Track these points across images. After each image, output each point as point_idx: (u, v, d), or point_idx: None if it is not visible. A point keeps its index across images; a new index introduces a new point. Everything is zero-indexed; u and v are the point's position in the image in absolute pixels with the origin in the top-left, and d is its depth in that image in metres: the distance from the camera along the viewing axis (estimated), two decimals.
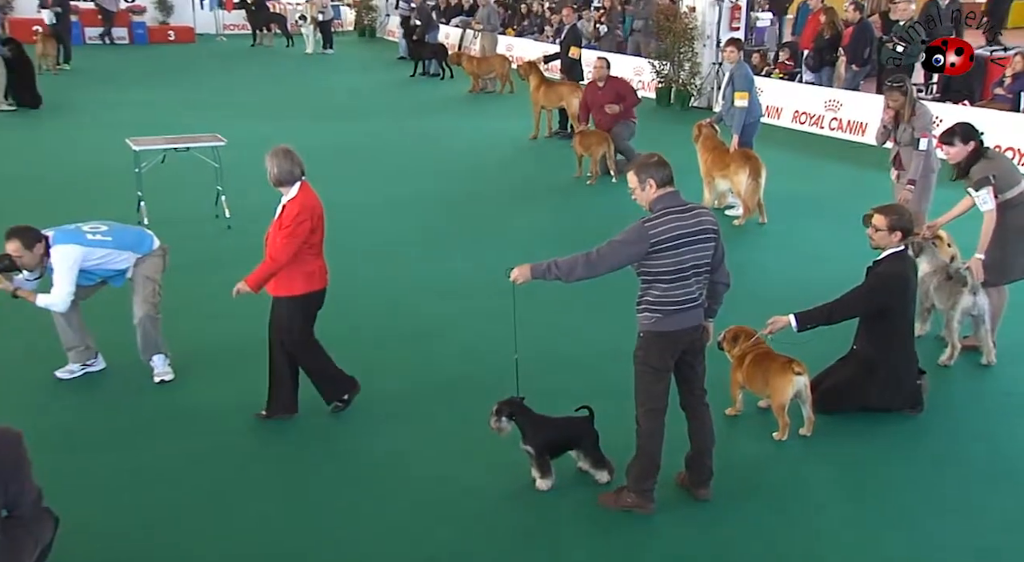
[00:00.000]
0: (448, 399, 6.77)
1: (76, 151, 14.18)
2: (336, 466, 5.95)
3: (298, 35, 27.38)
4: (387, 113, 17.85)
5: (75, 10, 25.17)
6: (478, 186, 12.73)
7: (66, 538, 4.64)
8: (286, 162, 6.16)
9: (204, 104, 17.99)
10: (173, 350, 7.11)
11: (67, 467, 5.71)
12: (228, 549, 5.14)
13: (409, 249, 10.09)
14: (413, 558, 5.09)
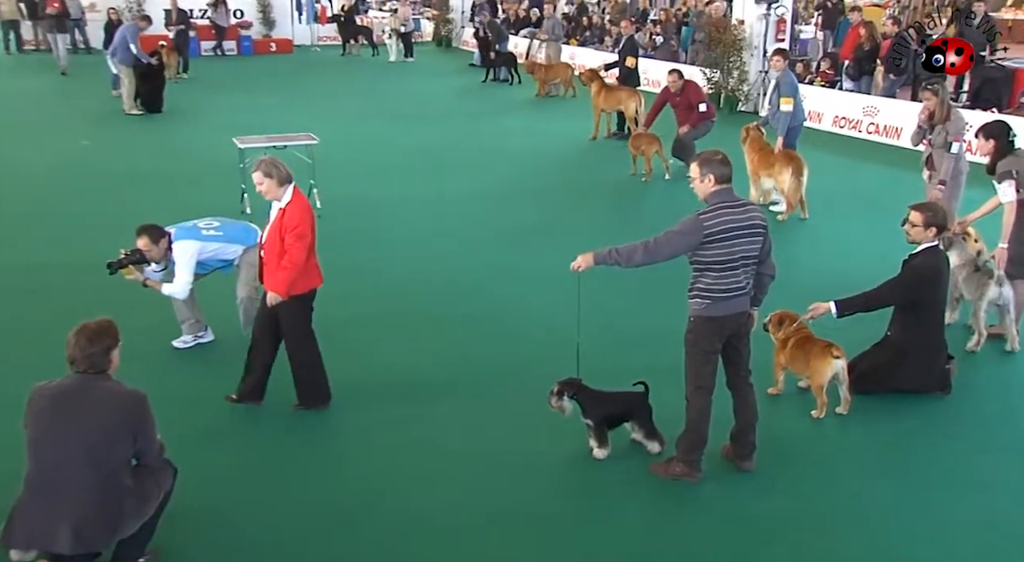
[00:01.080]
0: (513, 375, 6.73)
1: (191, 149, 14.38)
2: (417, 435, 5.96)
3: (383, 45, 27.43)
4: (460, 115, 17.82)
5: (193, 26, 25.60)
6: (542, 182, 12.63)
7: (182, 486, 4.70)
8: (283, 168, 5.89)
9: (300, 107, 18.11)
10: None
11: (182, 424, 5.77)
12: (325, 501, 5.18)
13: (476, 239, 10.05)
14: (486, 514, 5.09)
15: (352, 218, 10.65)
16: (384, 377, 6.70)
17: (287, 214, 5.84)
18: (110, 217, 10.43)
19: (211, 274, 7.14)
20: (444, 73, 24.04)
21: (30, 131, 15.70)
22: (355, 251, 9.49)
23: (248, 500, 5.23)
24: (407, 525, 5.00)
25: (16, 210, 10.91)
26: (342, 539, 4.88)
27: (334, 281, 8.53)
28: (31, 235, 9.91)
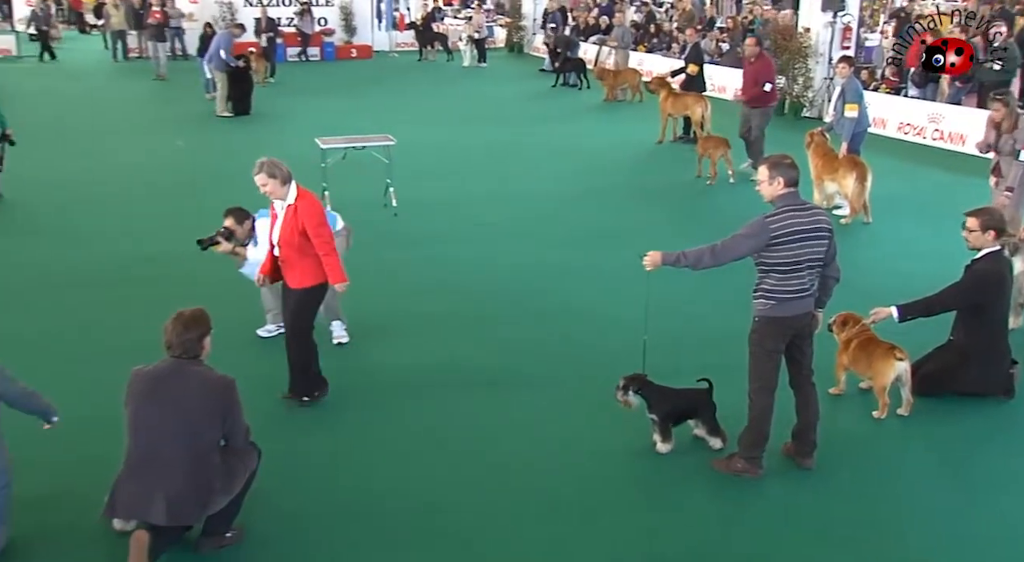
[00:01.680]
0: (578, 371, 6.72)
1: (276, 149, 14.35)
2: (485, 426, 5.99)
3: (457, 51, 27.57)
4: (530, 118, 17.83)
5: (280, 34, 26.06)
6: (609, 184, 12.57)
7: (265, 465, 4.79)
8: (283, 168, 5.85)
9: (378, 109, 18.29)
10: (355, 314, 7.28)
11: (265, 409, 5.90)
12: (395, 491, 5.23)
13: (544, 239, 10.03)
14: (549, 504, 5.08)
15: (425, 217, 10.73)
16: (454, 370, 6.74)
17: (299, 210, 5.82)
18: (202, 212, 10.66)
19: None
20: (515, 78, 24.07)
21: (132, 132, 16.11)
22: (427, 249, 9.57)
23: (335, 480, 5.30)
24: (472, 513, 5.03)
25: (117, 207, 11.21)
26: (410, 524, 4.91)
27: (407, 277, 8.69)
28: (131, 229, 10.18)
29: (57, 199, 11.56)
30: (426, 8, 31.80)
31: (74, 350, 7.03)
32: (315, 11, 27.73)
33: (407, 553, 4.67)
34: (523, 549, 4.70)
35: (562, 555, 4.66)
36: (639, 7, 29.22)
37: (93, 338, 7.26)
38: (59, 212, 10.98)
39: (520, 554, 4.66)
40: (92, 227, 10.33)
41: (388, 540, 4.77)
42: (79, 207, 11.20)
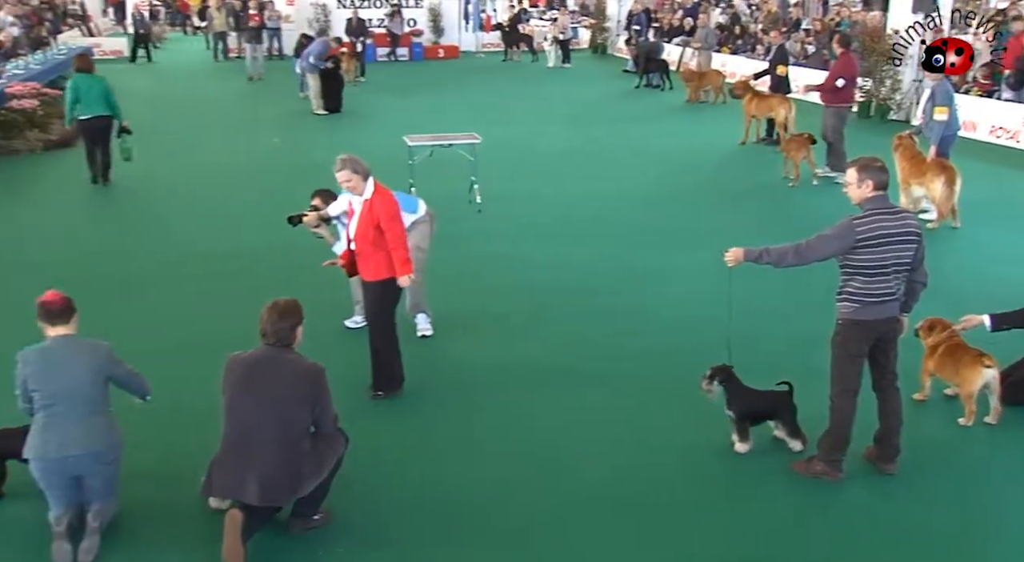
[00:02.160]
0: (659, 368, 6.67)
1: (366, 146, 14.66)
2: (564, 421, 5.98)
3: (542, 52, 27.56)
4: (613, 118, 17.73)
5: (370, 34, 26.48)
6: (690, 183, 12.44)
7: (349, 452, 4.87)
8: (362, 164, 5.92)
9: (464, 108, 18.39)
10: (437, 309, 7.33)
11: (347, 398, 5.99)
12: (465, 484, 5.26)
13: (624, 236, 9.97)
14: (625, 500, 5.06)
15: (508, 214, 10.76)
16: (532, 367, 6.72)
17: (375, 204, 5.90)
18: (298, 206, 10.88)
19: None
20: (599, 79, 23.96)
21: (231, 130, 16.52)
22: (509, 246, 9.60)
23: (412, 470, 5.37)
24: (547, 506, 5.02)
25: (218, 201, 11.52)
26: (480, 518, 4.93)
27: (488, 274, 8.72)
28: (230, 222, 10.45)
29: (161, 192, 11.96)
30: (512, 10, 31.88)
31: (175, 336, 7.24)
32: (405, 12, 28.05)
33: (476, 546, 4.68)
34: (594, 548, 4.67)
35: (634, 555, 4.62)
36: (724, 9, 28.79)
37: (193, 326, 7.46)
38: (163, 205, 11.33)
39: (591, 553, 4.63)
40: (193, 219, 10.64)
41: (457, 532, 4.78)
42: (182, 200, 11.54)
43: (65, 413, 4.50)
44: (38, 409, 4.54)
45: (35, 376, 4.52)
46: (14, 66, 17.61)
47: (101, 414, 4.61)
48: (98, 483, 4.58)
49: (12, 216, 10.80)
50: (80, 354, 4.57)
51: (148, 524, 4.77)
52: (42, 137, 14.41)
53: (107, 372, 4.65)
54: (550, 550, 4.64)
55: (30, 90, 14.97)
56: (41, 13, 25.61)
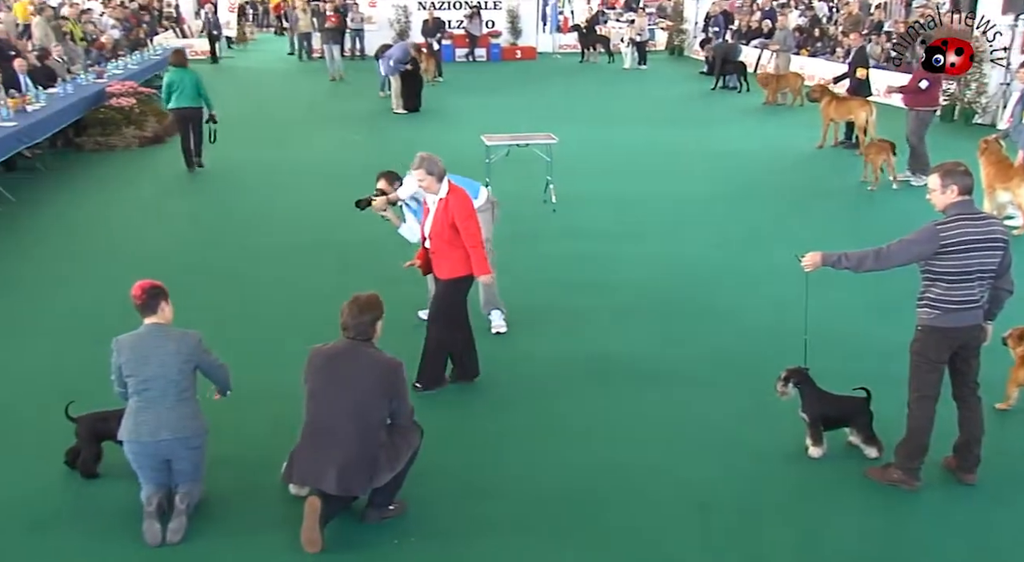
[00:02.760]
0: (734, 369, 6.57)
1: (444, 144, 14.75)
2: (638, 418, 5.92)
3: (618, 53, 27.37)
4: (689, 120, 17.52)
5: (449, 35, 26.67)
6: (766, 186, 12.22)
7: (428, 445, 4.89)
8: (439, 164, 5.89)
9: (541, 109, 18.36)
10: (507, 306, 7.32)
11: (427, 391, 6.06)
12: (547, 473, 5.25)
13: (699, 238, 9.84)
14: (696, 501, 4.99)
15: (582, 213, 10.71)
16: (604, 365, 6.68)
17: (450, 204, 5.91)
18: None
19: None
20: (675, 80, 23.71)
21: (314, 127, 16.77)
22: (582, 244, 9.55)
23: (487, 464, 5.38)
24: (620, 503, 4.98)
25: (301, 195, 11.71)
26: (553, 512, 4.91)
27: (562, 271, 8.69)
28: (314, 217, 10.60)
29: (248, 186, 12.21)
30: (590, 11, 31.75)
31: (261, 326, 7.38)
32: (483, 14, 28.15)
33: (546, 539, 4.67)
34: (663, 546, 4.62)
35: (703, 555, 4.56)
36: (803, 11, 28.21)
37: (278, 316, 7.60)
38: (250, 198, 11.56)
39: (660, 550, 4.58)
40: (278, 212, 10.83)
41: (529, 525, 4.78)
42: (268, 194, 11.76)
43: (157, 399, 4.61)
44: (132, 394, 4.67)
45: (129, 363, 4.64)
46: (114, 66, 18.17)
47: (189, 400, 4.72)
48: (185, 466, 4.69)
49: (110, 208, 11.14)
50: (170, 342, 4.68)
51: (232, 507, 4.87)
52: (138, 134, 14.83)
53: (195, 360, 4.75)
54: (621, 546, 4.60)
55: (128, 89, 15.42)
56: (139, 16, 26.36)
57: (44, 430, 5.46)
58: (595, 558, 4.52)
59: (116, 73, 17.24)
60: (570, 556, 4.54)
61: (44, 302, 7.91)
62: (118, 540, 4.59)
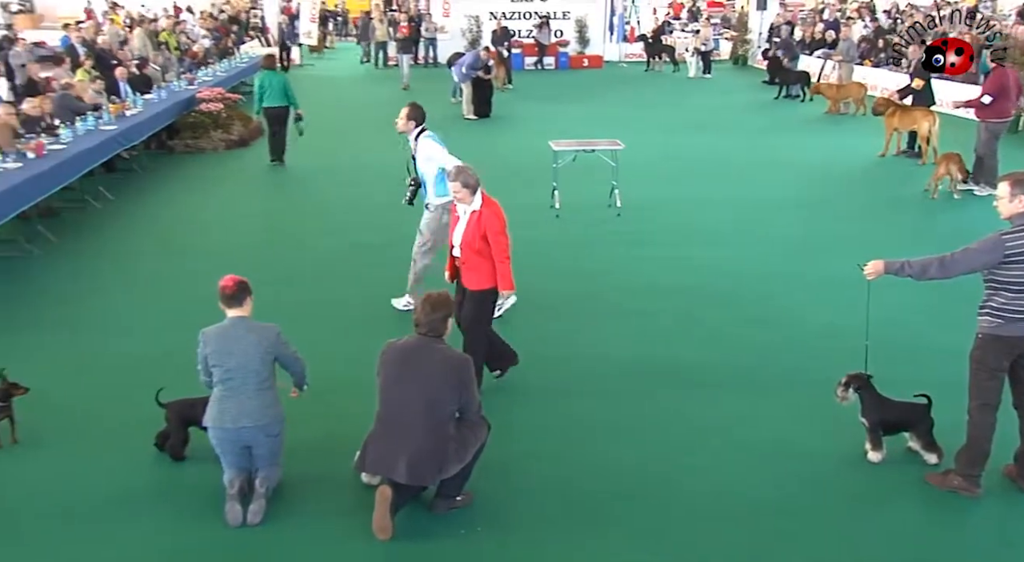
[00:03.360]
0: (793, 375, 6.45)
1: (512, 149, 14.94)
2: (697, 422, 5.86)
3: (683, 62, 27.11)
4: (751, 128, 17.25)
5: (518, 44, 26.73)
6: (827, 193, 11.97)
7: (495, 439, 4.91)
8: (474, 176, 5.80)
9: (606, 115, 18.28)
10: (571, 307, 7.28)
11: (491, 386, 6.05)
12: (609, 469, 5.23)
13: (760, 243, 9.68)
14: (752, 502, 4.91)
15: (646, 218, 10.62)
16: (663, 366, 6.63)
17: (484, 216, 5.79)
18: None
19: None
20: (738, 89, 23.38)
21: (388, 131, 16.89)
22: (646, 248, 9.48)
23: (551, 459, 5.37)
24: (679, 502, 4.93)
25: (371, 197, 11.82)
26: (620, 504, 4.90)
27: (625, 274, 8.63)
28: (386, 217, 10.70)
29: (325, 186, 12.40)
30: (656, 22, 31.49)
31: (337, 320, 7.48)
32: (552, 24, 28.14)
33: (604, 534, 4.64)
34: (719, 547, 4.55)
35: (760, 557, 4.48)
36: (867, 23, 27.59)
37: (353, 311, 7.69)
38: (327, 198, 11.73)
39: (716, 552, 4.52)
40: (352, 212, 10.97)
41: (589, 520, 4.76)
42: (344, 194, 11.91)
43: (239, 388, 4.71)
44: (216, 383, 4.77)
45: (214, 353, 4.74)
46: (204, 73, 18.63)
47: (269, 390, 4.80)
48: (264, 452, 4.78)
49: (198, 206, 11.42)
50: (252, 334, 4.76)
51: (307, 492, 4.95)
52: (224, 137, 15.16)
53: (275, 352, 4.83)
54: (679, 546, 4.56)
55: (216, 95, 15.77)
56: (228, 27, 26.95)
57: (136, 415, 5.60)
58: (649, 556, 4.48)
59: (205, 80, 17.66)
60: (622, 552, 4.51)
61: (137, 294, 8.14)
62: (202, 519, 4.70)
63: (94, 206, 11.11)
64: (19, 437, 5.47)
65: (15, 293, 8.05)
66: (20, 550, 4.51)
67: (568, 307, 7.76)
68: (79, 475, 5.14)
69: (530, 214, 10.67)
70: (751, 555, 4.48)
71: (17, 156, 9.80)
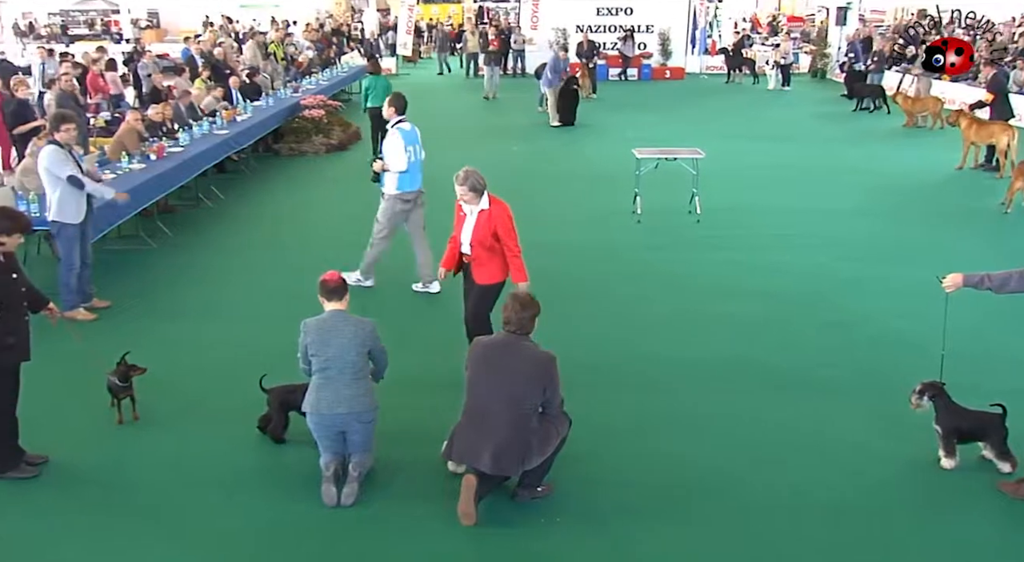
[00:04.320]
0: (867, 380, 6.26)
1: (596, 156, 14.88)
2: (768, 422, 5.73)
3: (763, 75, 26.56)
4: (829, 139, 16.78)
5: (603, 55, 26.62)
6: (904, 204, 11.56)
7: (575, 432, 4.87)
8: (480, 179, 5.75)
9: (687, 125, 18.01)
10: (651, 307, 7.19)
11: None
12: (687, 464, 5.14)
13: (837, 250, 9.41)
14: (822, 503, 4.77)
15: (726, 223, 10.45)
16: (741, 368, 6.50)
17: (493, 214, 5.78)
18: (534, 206, 11.12)
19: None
20: (816, 102, 22.78)
21: (476, 137, 17.04)
22: (724, 253, 9.32)
23: (630, 451, 5.33)
24: (756, 501, 4.83)
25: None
26: (696, 499, 4.83)
27: (704, 278, 8.49)
28: None
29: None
30: (737, 35, 30.94)
31: (421, 318, 7.56)
32: (636, 37, 27.92)
33: (682, 528, 4.58)
34: (790, 547, 4.44)
35: (835, 557, 4.35)
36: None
37: (443, 309, 7.70)
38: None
39: (787, 552, 4.40)
40: (442, 215, 11.02)
41: (667, 513, 4.71)
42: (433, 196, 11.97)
43: (336, 376, 4.78)
44: (315, 371, 4.85)
45: (313, 343, 4.82)
46: (307, 82, 19.05)
47: (364, 380, 4.87)
48: (358, 438, 4.84)
49: (300, 205, 11.67)
50: (349, 327, 4.83)
51: (397, 478, 5.00)
52: (325, 141, 15.46)
53: (368, 345, 4.90)
54: (753, 543, 4.46)
55: (318, 102, 16.11)
56: (330, 38, 27.49)
57: (242, 398, 5.73)
58: (724, 553, 4.40)
59: (309, 88, 18.05)
60: (699, 545, 4.44)
61: (244, 285, 8.37)
62: (299, 499, 4.80)
63: (206, 204, 11.46)
64: (139, 414, 5.67)
65: (136, 284, 8.35)
66: (137, 520, 4.67)
67: (648, 307, 7.68)
68: (190, 453, 5.30)
69: (612, 219, 10.61)
70: (826, 556, 4.37)
71: (141, 158, 10.18)
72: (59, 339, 5.75)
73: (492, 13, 36.40)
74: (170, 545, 4.45)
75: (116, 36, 36.50)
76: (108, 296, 7.73)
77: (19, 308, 4.92)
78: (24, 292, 4.97)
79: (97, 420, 5.64)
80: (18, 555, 4.39)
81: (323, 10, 37.03)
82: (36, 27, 39.84)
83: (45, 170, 7.08)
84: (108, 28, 39.99)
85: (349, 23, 32.17)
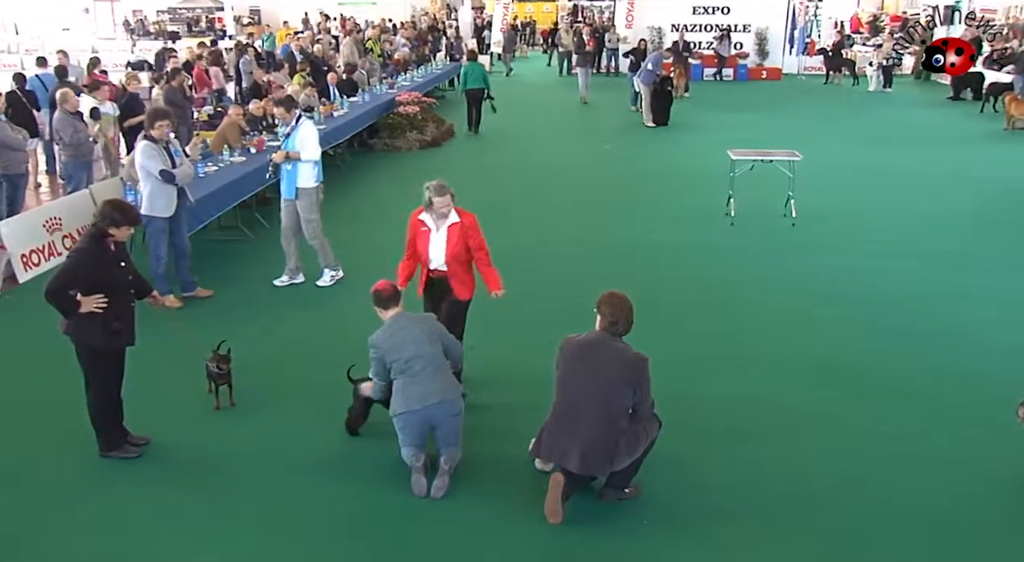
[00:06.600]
0: (961, 387, 6.05)
1: (689, 156, 14.63)
2: (856, 429, 5.55)
3: (863, 76, 25.67)
4: (931, 142, 16.07)
5: (698, 56, 26.20)
6: (1010, 209, 10.99)
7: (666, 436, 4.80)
8: (449, 190, 5.60)
9: (784, 126, 17.55)
10: (743, 310, 7.09)
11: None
12: (775, 471, 5.01)
13: (936, 256, 9.04)
14: (922, 513, 4.60)
15: (820, 228, 10.14)
16: (833, 373, 6.31)
17: (465, 226, 5.63)
18: (627, 205, 11.07)
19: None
20: (919, 104, 21.89)
21: (568, 136, 16.98)
22: (819, 257, 9.07)
23: (717, 457, 5.23)
24: (849, 510, 4.67)
25: (554, 200, 11.85)
26: (785, 506, 4.70)
27: (799, 281, 8.27)
28: (569, 218, 10.72)
29: (504, 187, 12.52)
30: (838, 35, 29.99)
31: (516, 313, 7.53)
32: (733, 36, 27.37)
33: (770, 536, 4.47)
34: (894, 556, 4.28)
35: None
36: None
37: (534, 303, 7.62)
38: (505, 198, 11.84)
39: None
40: (533, 213, 11.04)
41: (755, 520, 4.61)
42: (527, 194, 12.01)
43: (419, 373, 4.83)
44: (396, 375, 4.88)
45: (389, 351, 4.88)
46: (403, 79, 19.30)
47: (445, 371, 4.92)
48: (447, 431, 4.87)
49: (393, 199, 11.81)
50: (415, 325, 4.95)
51: (485, 473, 5.01)
52: (419, 137, 15.63)
53: (439, 337, 4.97)
54: (845, 553, 4.32)
55: (413, 98, 16.31)
56: (426, 36, 27.82)
57: (331, 388, 5.78)
58: (819, 558, 4.27)
59: (404, 85, 18.29)
60: (791, 552, 4.33)
61: (337, 278, 8.50)
62: (387, 489, 4.86)
63: None
64: (235, 401, 5.83)
65: (235, 273, 8.61)
66: (230, 502, 4.81)
67: (741, 310, 7.53)
68: (283, 439, 5.43)
69: (705, 220, 10.42)
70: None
71: (242, 151, 10.48)
72: (161, 325, 5.96)
73: (586, 11, 36.21)
74: (261, 528, 4.56)
75: (220, 32, 37.76)
76: (208, 285, 7.99)
77: (126, 295, 5.11)
78: (131, 280, 5.17)
79: (195, 405, 5.83)
80: (126, 523, 4.61)
81: (419, 7, 37.53)
82: (146, 24, 41.66)
83: (139, 166, 7.39)
84: (212, 25, 41.46)
85: (444, 21, 32.47)
